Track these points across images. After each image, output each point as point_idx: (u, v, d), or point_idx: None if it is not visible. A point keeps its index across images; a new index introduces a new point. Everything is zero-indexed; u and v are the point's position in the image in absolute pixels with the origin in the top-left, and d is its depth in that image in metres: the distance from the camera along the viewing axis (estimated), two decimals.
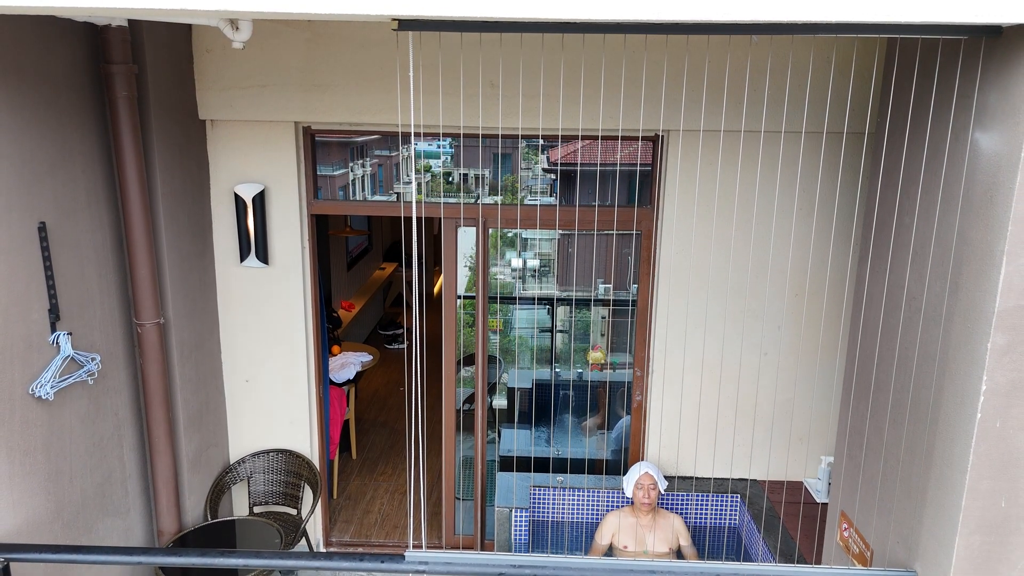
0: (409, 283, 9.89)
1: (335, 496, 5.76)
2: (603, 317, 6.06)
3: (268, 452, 4.72)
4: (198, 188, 4.24)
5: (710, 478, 4.62)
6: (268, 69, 4.08)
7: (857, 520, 2.92)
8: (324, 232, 7.62)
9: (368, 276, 10.04)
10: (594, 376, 5.44)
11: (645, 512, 4.15)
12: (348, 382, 6.23)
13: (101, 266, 3.63)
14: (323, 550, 5.03)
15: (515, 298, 6.82)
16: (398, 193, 5.06)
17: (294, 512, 4.71)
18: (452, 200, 4.61)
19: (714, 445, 4.52)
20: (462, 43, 3.42)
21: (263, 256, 4.40)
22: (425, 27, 2.12)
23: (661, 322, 4.46)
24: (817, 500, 4.39)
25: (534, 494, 4.56)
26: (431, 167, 5.14)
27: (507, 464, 5.03)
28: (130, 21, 3.54)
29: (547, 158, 4.92)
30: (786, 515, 4.26)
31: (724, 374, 4.42)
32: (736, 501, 4.53)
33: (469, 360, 4.99)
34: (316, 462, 4.78)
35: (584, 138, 4.35)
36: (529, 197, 4.83)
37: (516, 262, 8.10)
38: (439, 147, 4.96)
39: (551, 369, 5.98)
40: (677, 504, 4.52)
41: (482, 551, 3.74)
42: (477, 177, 4.68)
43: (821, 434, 4.48)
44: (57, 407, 3.32)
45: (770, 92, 3.85)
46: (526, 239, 7.98)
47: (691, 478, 4.64)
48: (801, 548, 3.99)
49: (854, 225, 4.06)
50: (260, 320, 4.55)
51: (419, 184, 4.92)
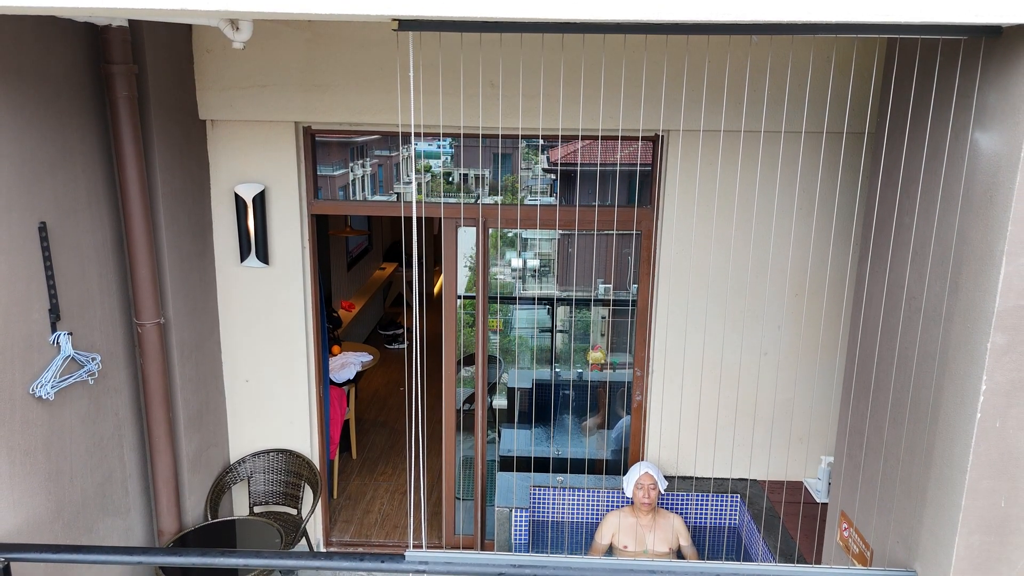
0: (409, 283, 9.90)
1: (335, 496, 5.76)
2: (603, 317, 6.06)
3: (268, 452, 4.73)
4: (198, 188, 4.25)
5: (710, 478, 4.62)
6: (268, 69, 4.08)
7: (857, 520, 2.92)
8: (324, 232, 7.62)
9: (368, 276, 10.04)
10: (594, 376, 5.44)
11: (645, 512, 4.15)
12: (348, 382, 6.23)
13: (101, 266, 3.63)
14: (323, 550, 5.03)
15: (515, 298, 6.82)
16: (398, 193, 5.06)
17: (294, 512, 4.71)
18: (452, 200, 4.61)
19: (714, 445, 4.52)
20: (462, 43, 3.42)
21: (263, 256, 4.40)
22: (425, 27, 2.12)
23: (661, 322, 4.46)
24: (817, 500, 4.39)
25: (534, 494, 4.56)
26: (431, 167, 5.14)
27: (507, 464, 5.03)
28: (130, 21, 3.54)
29: (547, 158, 4.92)
30: (786, 515, 4.26)
31: (724, 374, 4.42)
32: (736, 501, 4.53)
33: (469, 360, 4.99)
34: (316, 462, 4.78)
35: (584, 138, 4.35)
36: (529, 197, 4.83)
37: (516, 262, 8.09)
38: (439, 147, 4.96)
39: (551, 369, 5.98)
40: (677, 504, 4.52)
41: (482, 551, 3.74)
42: (477, 177, 4.68)
43: (821, 434, 4.48)
44: (57, 407, 3.32)
45: (770, 92, 3.85)
46: (526, 239, 7.98)
47: (691, 478, 4.64)
48: (801, 548, 3.99)
49: (854, 225, 4.06)
50: (260, 320, 4.55)
51: (419, 184, 4.92)
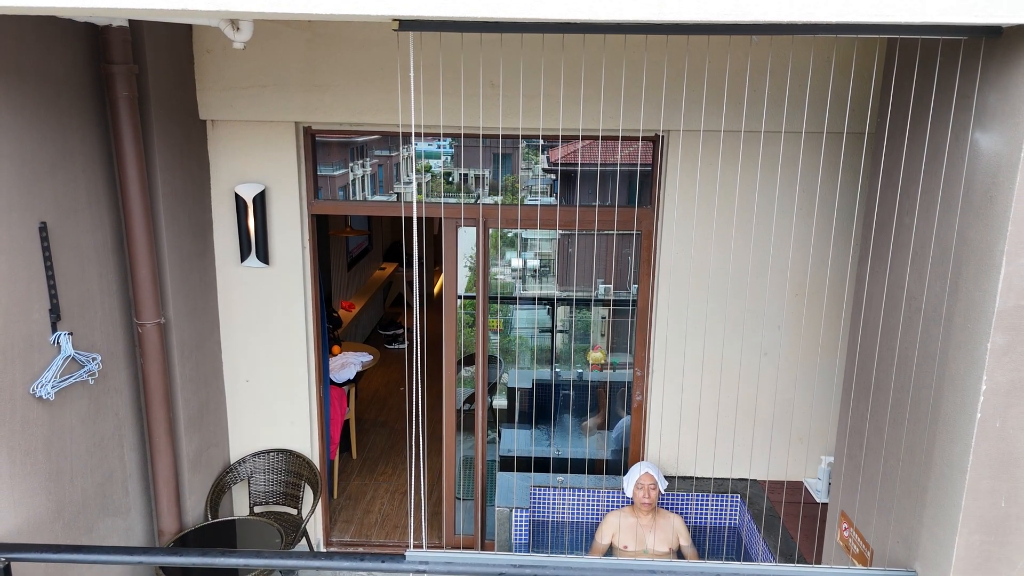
0: (410, 283, 9.90)
1: (335, 496, 5.76)
2: (603, 317, 6.06)
3: (268, 452, 4.73)
4: (199, 188, 4.25)
5: (710, 478, 4.62)
6: (268, 69, 4.08)
7: (857, 520, 2.92)
8: (324, 232, 7.63)
9: (368, 276, 10.05)
10: (594, 376, 5.44)
11: (645, 512, 4.15)
12: (348, 382, 6.23)
13: (102, 266, 3.63)
14: (323, 550, 5.03)
15: (515, 298, 6.82)
16: (398, 193, 5.06)
17: (294, 512, 4.71)
18: (452, 200, 4.61)
19: (714, 445, 4.52)
20: (463, 43, 3.42)
21: (263, 256, 4.40)
22: (426, 27, 2.12)
23: (661, 322, 4.46)
24: (817, 500, 4.39)
25: (534, 494, 4.56)
26: (431, 167, 5.14)
27: (507, 464, 5.03)
28: (131, 21, 3.54)
29: (547, 158, 4.92)
30: (786, 515, 4.26)
31: (724, 374, 4.42)
32: (736, 501, 4.53)
33: (469, 360, 4.99)
34: (316, 462, 4.78)
35: (584, 138, 4.35)
36: (529, 197, 4.83)
37: (516, 262, 8.10)
38: (439, 147, 4.96)
39: (551, 369, 5.99)
40: (677, 504, 4.52)
41: (482, 551, 3.74)
42: (477, 177, 4.68)
43: (821, 434, 4.48)
44: (58, 407, 3.32)
45: (770, 92, 3.85)
46: (526, 239, 7.98)
47: (691, 478, 4.64)
48: (801, 548, 4.00)
49: (854, 225, 4.06)
50: (260, 320, 4.55)
51: (419, 184, 4.92)
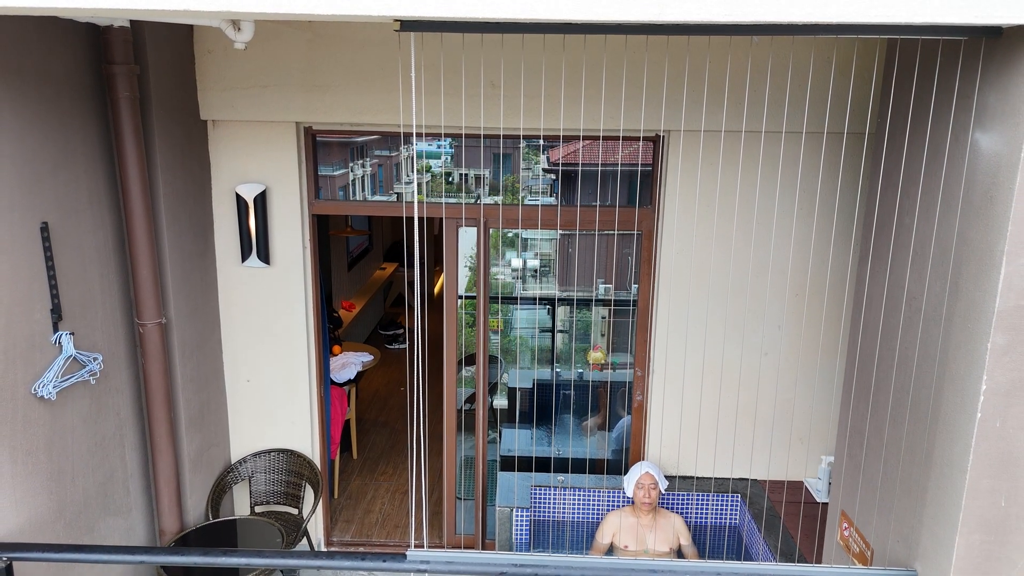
0: (410, 283, 9.90)
1: (336, 496, 5.77)
2: (603, 317, 6.07)
3: (269, 452, 4.73)
4: (199, 188, 4.25)
5: (711, 478, 4.62)
6: (269, 69, 4.08)
7: (857, 519, 2.92)
8: (325, 232, 7.63)
9: (368, 276, 10.05)
10: (595, 376, 5.45)
11: (646, 512, 4.16)
12: (349, 382, 6.23)
13: (103, 266, 3.64)
14: (324, 550, 5.04)
15: (516, 298, 6.82)
16: (398, 193, 5.06)
17: (295, 512, 4.72)
18: (453, 200, 4.62)
19: (715, 445, 4.52)
20: (464, 44, 3.43)
21: (264, 256, 4.41)
22: (427, 28, 2.12)
23: (662, 322, 4.47)
24: (817, 500, 4.40)
25: (535, 494, 4.57)
26: (431, 167, 5.14)
27: (508, 464, 5.03)
28: (132, 22, 3.54)
29: (547, 158, 4.93)
30: (786, 515, 4.26)
31: (725, 374, 4.42)
32: (737, 501, 4.53)
33: (470, 360, 5.00)
34: (317, 462, 4.78)
35: (585, 138, 4.36)
36: (530, 197, 4.83)
37: (517, 262, 8.11)
38: (439, 147, 4.97)
39: (552, 369, 5.99)
40: (678, 504, 4.53)
41: (483, 551, 3.75)
42: (478, 177, 4.68)
43: (821, 434, 4.49)
44: (59, 407, 3.32)
45: (771, 93, 3.86)
46: (527, 239, 7.98)
47: (692, 478, 4.65)
48: (801, 547, 4.00)
49: (854, 225, 4.06)
50: (261, 320, 4.55)
51: (420, 184, 4.93)
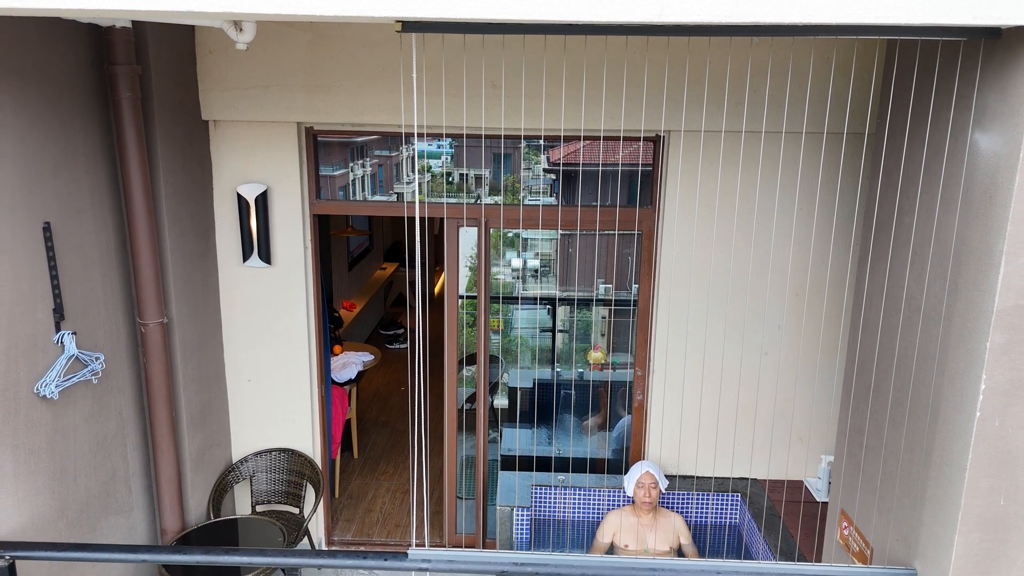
0: (411, 283, 9.91)
1: (337, 495, 5.77)
2: (604, 317, 6.07)
3: (270, 451, 4.74)
4: (201, 188, 4.26)
5: (711, 477, 4.63)
6: (271, 70, 4.09)
7: (857, 518, 2.93)
8: (325, 232, 7.64)
9: (369, 276, 10.06)
10: (595, 376, 5.45)
11: (646, 511, 4.16)
12: (349, 382, 6.24)
13: (105, 266, 3.65)
14: (326, 549, 5.05)
15: (516, 298, 6.83)
16: (399, 193, 5.07)
17: (296, 511, 4.72)
18: (453, 200, 4.63)
19: (715, 444, 4.53)
20: (465, 44, 3.43)
21: (265, 256, 4.42)
22: (428, 29, 2.13)
23: (662, 322, 4.48)
24: (817, 499, 4.40)
25: (535, 493, 4.57)
26: (431, 167, 5.15)
27: (508, 463, 5.04)
28: (134, 22, 3.55)
29: (547, 158, 4.93)
30: (786, 514, 4.27)
31: (725, 374, 4.43)
32: (737, 500, 4.54)
33: (470, 360, 5.00)
34: (318, 461, 4.79)
35: (586, 138, 4.37)
36: (530, 197, 4.84)
37: (517, 262, 8.12)
38: (439, 147, 4.97)
39: (552, 369, 6.00)
40: (678, 503, 4.53)
41: (484, 549, 3.75)
42: (478, 177, 4.69)
43: (821, 433, 4.50)
44: (61, 406, 3.33)
45: (771, 93, 3.87)
46: (527, 239, 7.99)
47: (692, 477, 4.66)
48: (801, 547, 4.01)
49: (854, 225, 4.07)
50: (262, 320, 4.56)
51: (420, 184, 4.93)
